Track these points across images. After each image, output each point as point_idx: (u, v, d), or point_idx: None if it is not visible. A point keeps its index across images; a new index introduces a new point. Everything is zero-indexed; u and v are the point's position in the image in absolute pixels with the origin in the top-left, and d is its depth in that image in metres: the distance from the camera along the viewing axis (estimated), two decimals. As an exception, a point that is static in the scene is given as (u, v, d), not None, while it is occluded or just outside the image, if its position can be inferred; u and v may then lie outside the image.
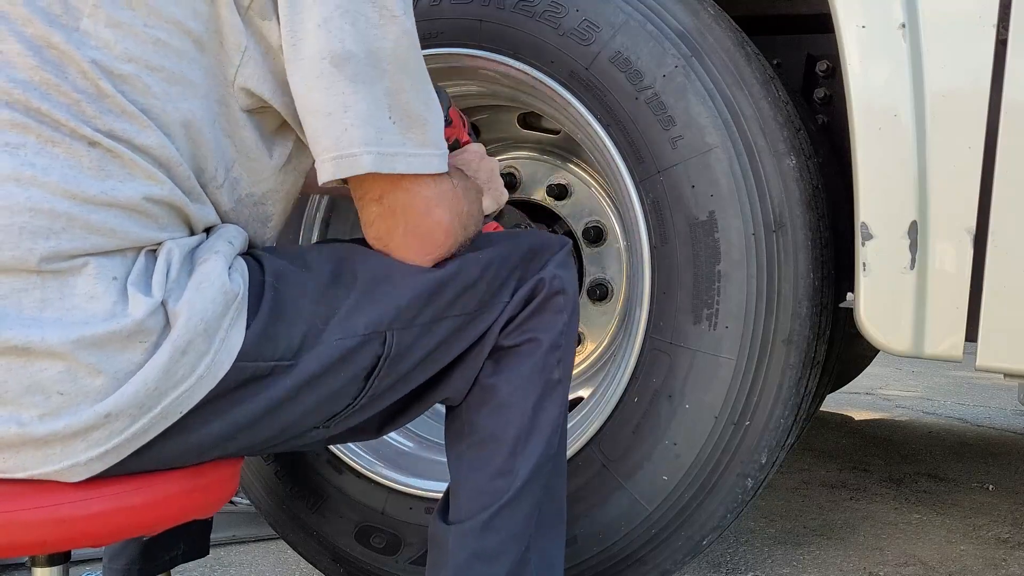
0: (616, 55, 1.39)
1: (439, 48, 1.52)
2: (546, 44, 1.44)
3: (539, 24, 1.44)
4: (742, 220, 1.34)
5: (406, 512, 1.54)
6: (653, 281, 1.40)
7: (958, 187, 1.24)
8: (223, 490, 1.06)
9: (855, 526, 2.18)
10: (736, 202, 1.34)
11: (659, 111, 1.38)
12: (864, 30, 1.27)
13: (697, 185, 1.36)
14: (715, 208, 1.35)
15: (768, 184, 1.34)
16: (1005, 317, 1.23)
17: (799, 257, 1.34)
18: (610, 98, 1.41)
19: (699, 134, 1.35)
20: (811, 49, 1.74)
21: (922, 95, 1.25)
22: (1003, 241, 1.22)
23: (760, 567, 1.91)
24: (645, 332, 1.41)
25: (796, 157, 1.35)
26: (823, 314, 1.40)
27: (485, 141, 1.89)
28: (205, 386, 0.93)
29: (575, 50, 1.42)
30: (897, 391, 4.26)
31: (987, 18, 1.22)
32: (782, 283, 1.34)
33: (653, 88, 1.38)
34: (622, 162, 1.41)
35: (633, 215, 1.42)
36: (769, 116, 1.35)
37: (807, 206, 1.35)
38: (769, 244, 1.33)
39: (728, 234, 1.35)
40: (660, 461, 1.39)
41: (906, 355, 1.30)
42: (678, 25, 1.37)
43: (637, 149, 1.40)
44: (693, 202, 1.36)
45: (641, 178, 1.40)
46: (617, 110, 1.41)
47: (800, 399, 1.40)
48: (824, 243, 1.39)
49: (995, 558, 1.98)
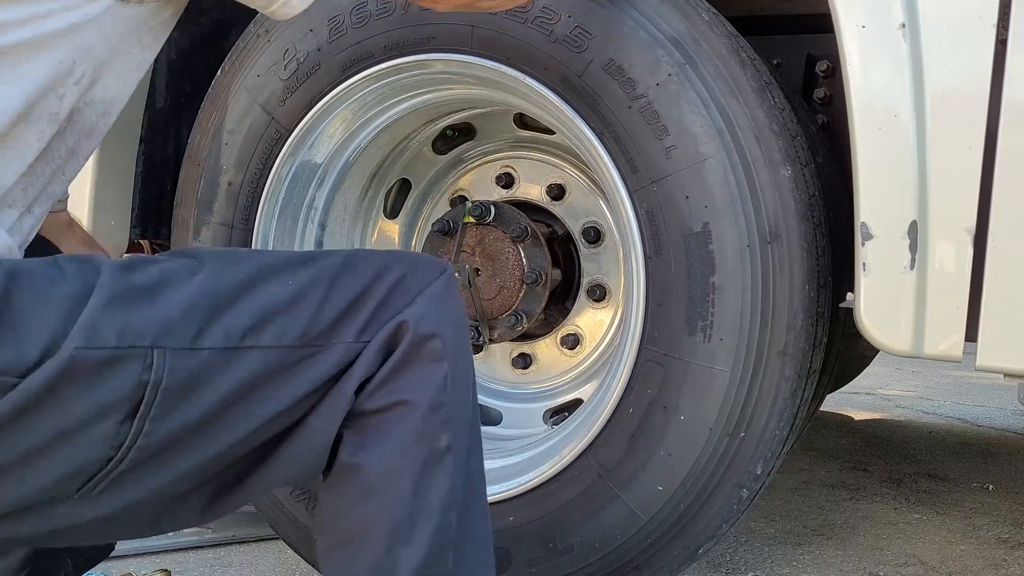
0: (609, 62, 1.37)
1: (431, 54, 1.50)
2: (538, 51, 1.42)
3: (531, 30, 1.42)
4: (737, 231, 1.33)
5: None
6: (648, 292, 1.39)
7: (958, 187, 1.24)
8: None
9: (855, 526, 2.18)
10: (731, 213, 1.33)
11: (653, 120, 1.36)
12: (864, 30, 1.27)
13: (691, 196, 1.35)
14: (710, 219, 1.34)
15: (763, 195, 1.32)
16: (1005, 317, 1.23)
17: (794, 268, 1.33)
18: (603, 106, 1.39)
19: (693, 144, 1.34)
20: (811, 49, 1.74)
21: (922, 95, 1.25)
22: (1003, 241, 1.22)
23: (760, 567, 1.91)
24: (640, 343, 1.40)
25: (792, 166, 1.34)
26: (819, 324, 1.40)
27: (482, 140, 1.89)
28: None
29: (568, 57, 1.40)
30: (897, 391, 4.26)
31: (987, 18, 1.22)
32: (777, 295, 1.33)
33: (647, 96, 1.36)
34: (616, 171, 1.40)
35: (627, 225, 1.40)
36: (764, 125, 1.33)
37: (802, 217, 1.34)
38: (764, 255, 1.33)
39: (723, 245, 1.33)
40: (655, 471, 1.39)
41: (906, 355, 1.30)
42: (672, 31, 1.35)
43: (631, 158, 1.38)
44: (687, 213, 1.35)
45: (635, 188, 1.39)
46: (610, 118, 1.39)
47: (796, 410, 1.40)
48: (820, 252, 1.38)
49: (995, 558, 1.98)
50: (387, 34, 1.52)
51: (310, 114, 1.62)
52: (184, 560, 1.93)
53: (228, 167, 1.69)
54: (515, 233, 1.69)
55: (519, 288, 1.70)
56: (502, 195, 1.84)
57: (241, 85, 1.67)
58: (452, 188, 1.93)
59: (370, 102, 1.65)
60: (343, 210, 1.83)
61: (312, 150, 1.69)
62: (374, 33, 1.53)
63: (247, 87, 1.66)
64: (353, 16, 1.54)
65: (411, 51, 1.52)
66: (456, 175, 1.92)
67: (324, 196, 1.77)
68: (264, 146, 1.66)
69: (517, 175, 1.84)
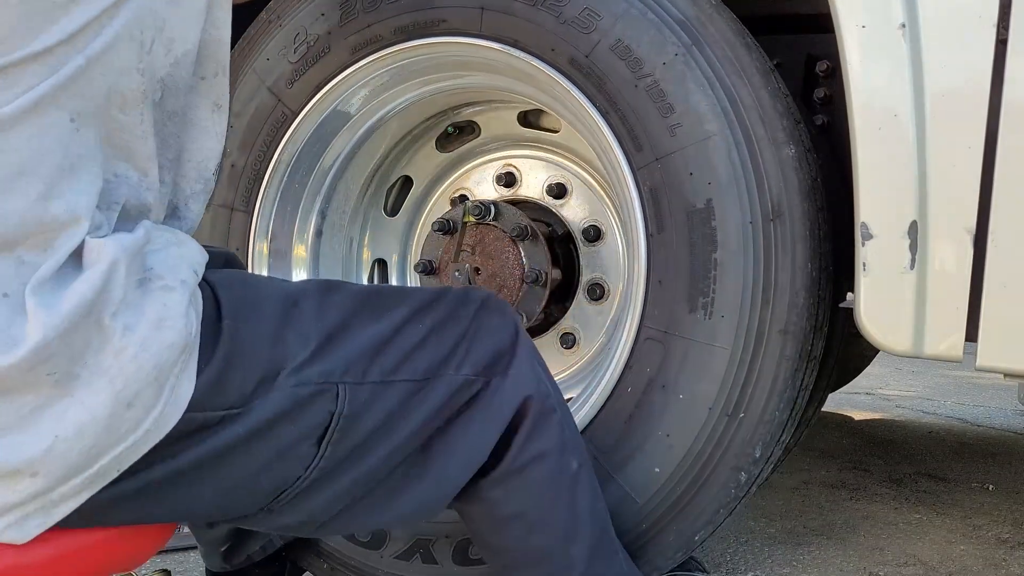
0: (617, 43, 1.39)
1: (440, 37, 1.52)
2: (547, 32, 1.44)
3: (540, 12, 1.44)
4: (740, 208, 1.33)
5: None
6: (648, 269, 1.39)
7: (958, 187, 1.24)
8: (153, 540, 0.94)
9: (855, 526, 2.18)
10: (734, 190, 1.33)
11: (658, 99, 1.37)
12: (864, 30, 1.27)
13: (695, 172, 1.35)
14: (712, 196, 1.34)
15: (767, 173, 1.33)
16: (1005, 317, 1.23)
17: (797, 247, 1.33)
18: (610, 86, 1.40)
19: (698, 122, 1.35)
20: (811, 49, 1.74)
21: (922, 95, 1.25)
22: (1003, 241, 1.22)
23: (760, 567, 1.91)
24: (640, 321, 1.40)
25: (795, 147, 1.35)
26: (821, 307, 1.39)
27: (485, 139, 1.89)
28: (150, 441, 0.82)
29: (576, 38, 1.42)
30: (897, 391, 4.26)
31: (987, 18, 1.22)
32: (779, 273, 1.32)
33: (653, 76, 1.37)
34: (620, 150, 1.41)
35: (630, 203, 1.41)
36: (768, 105, 1.34)
37: (805, 196, 1.34)
38: (767, 233, 1.32)
39: (725, 222, 1.34)
40: (652, 453, 1.38)
41: (906, 355, 1.30)
42: (679, 14, 1.37)
43: (635, 136, 1.39)
44: (691, 190, 1.35)
45: (639, 166, 1.39)
46: (616, 98, 1.40)
47: (796, 393, 1.39)
48: (822, 236, 1.39)
49: (995, 558, 1.98)
50: (398, 17, 1.54)
51: (317, 97, 1.64)
52: (184, 560, 1.93)
53: (232, 149, 1.71)
54: (515, 232, 1.70)
55: (519, 287, 1.70)
56: (503, 194, 1.84)
57: (250, 69, 1.69)
58: (453, 187, 1.93)
59: (378, 87, 1.66)
60: (344, 200, 1.85)
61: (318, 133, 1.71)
62: (384, 17, 1.55)
63: (256, 70, 1.69)
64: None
65: (420, 34, 1.53)
66: (458, 173, 1.93)
67: (327, 184, 1.78)
68: (269, 128, 1.69)
69: (519, 174, 1.84)
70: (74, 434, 0.76)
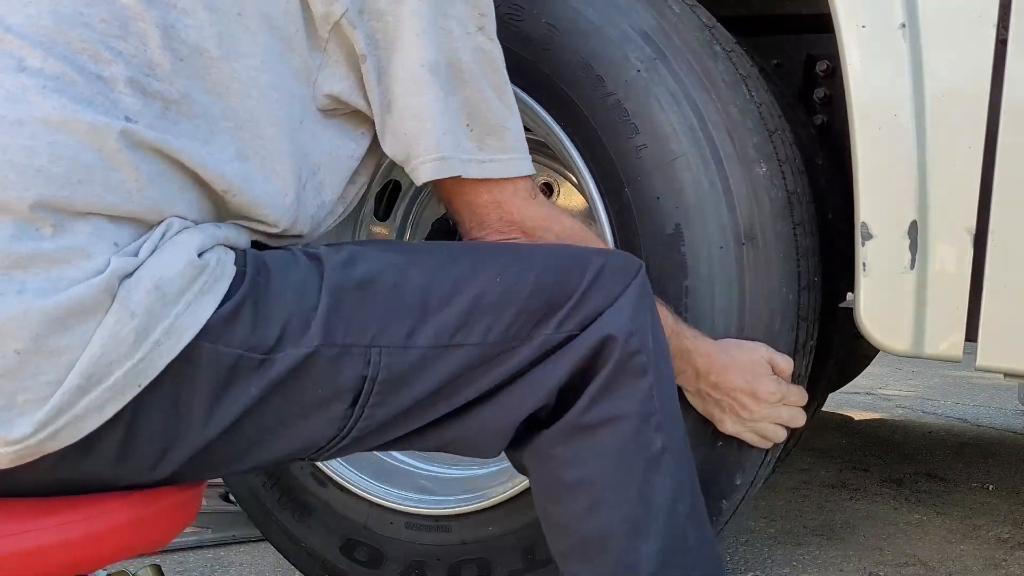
0: (577, 60, 1.32)
1: None
2: (506, 49, 1.40)
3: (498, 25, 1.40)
4: (709, 233, 1.27)
5: (387, 527, 1.51)
6: None
7: (958, 187, 1.24)
8: (179, 517, 0.94)
9: (855, 526, 2.18)
10: (702, 214, 1.27)
11: (622, 118, 1.30)
12: (864, 30, 1.27)
13: (662, 197, 1.29)
14: (681, 220, 1.28)
15: (736, 194, 1.27)
16: (1005, 317, 1.23)
17: (771, 270, 1.28)
18: (573, 106, 1.33)
19: (663, 142, 1.28)
20: (811, 49, 1.74)
21: (922, 95, 1.25)
22: (1003, 241, 1.22)
23: (760, 567, 1.91)
24: None
25: (767, 163, 1.30)
26: (800, 328, 1.35)
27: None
28: (164, 354, 0.83)
29: (536, 56, 1.34)
30: (897, 391, 4.26)
31: (987, 18, 1.22)
32: (753, 298, 1.28)
33: (615, 94, 1.30)
34: (587, 172, 1.34)
35: (602, 227, 1.35)
36: (737, 121, 1.29)
37: (779, 215, 1.29)
38: (739, 257, 1.28)
39: (695, 248, 1.27)
40: None
41: (906, 355, 1.30)
42: (641, 26, 1.31)
43: (600, 161, 1.32)
44: (658, 214, 1.29)
45: (607, 190, 1.33)
46: (580, 118, 1.33)
47: None
48: (800, 253, 1.34)
49: (995, 558, 1.98)
50: None
51: None
52: (184, 560, 1.93)
53: None
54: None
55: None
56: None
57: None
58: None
59: None
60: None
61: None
62: None
63: None
64: None
65: None
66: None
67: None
68: None
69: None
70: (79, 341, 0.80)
